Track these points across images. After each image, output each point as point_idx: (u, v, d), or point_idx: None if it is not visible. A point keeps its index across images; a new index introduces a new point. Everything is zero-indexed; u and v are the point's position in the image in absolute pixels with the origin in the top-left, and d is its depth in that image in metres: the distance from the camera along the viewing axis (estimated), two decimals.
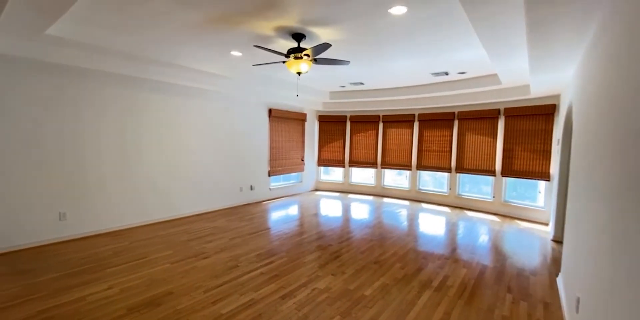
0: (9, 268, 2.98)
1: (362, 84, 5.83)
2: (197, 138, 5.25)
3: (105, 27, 3.15)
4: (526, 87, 4.97)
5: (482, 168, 6.02)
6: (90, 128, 3.98)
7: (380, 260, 3.34)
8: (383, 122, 7.33)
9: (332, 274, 2.96)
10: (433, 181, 7.02)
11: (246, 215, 5.23)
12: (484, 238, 4.24)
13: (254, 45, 2.93)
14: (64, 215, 3.81)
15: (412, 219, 5.21)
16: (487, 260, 3.45)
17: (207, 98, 5.36)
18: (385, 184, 7.48)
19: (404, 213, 5.65)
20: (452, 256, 3.53)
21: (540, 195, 5.45)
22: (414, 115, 6.91)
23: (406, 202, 6.65)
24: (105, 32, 3.26)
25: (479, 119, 6.05)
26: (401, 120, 7.09)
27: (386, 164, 7.34)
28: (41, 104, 3.58)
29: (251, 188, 6.28)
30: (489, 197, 6.00)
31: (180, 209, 5.06)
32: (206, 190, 5.44)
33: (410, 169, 7.02)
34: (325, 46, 2.85)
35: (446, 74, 4.87)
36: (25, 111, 3.47)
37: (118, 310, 2.27)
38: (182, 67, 4.22)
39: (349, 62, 3.42)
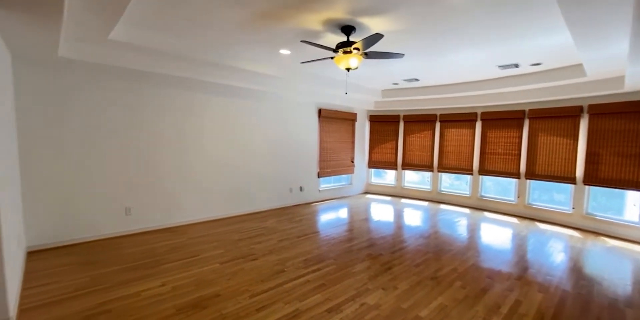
0: (80, 258, 3.28)
1: (417, 80, 5.43)
2: (249, 138, 5.35)
3: (159, 31, 3.30)
4: (618, 80, 4.16)
5: (559, 174, 5.21)
6: (152, 128, 4.26)
7: (438, 276, 2.99)
8: (440, 121, 6.79)
9: (383, 288, 2.71)
10: (496, 188, 6.31)
11: (295, 217, 5.19)
12: (561, 256, 3.62)
13: (301, 41, 2.82)
14: (129, 210, 4.11)
15: (474, 230, 4.69)
16: (567, 284, 2.91)
17: (259, 98, 5.44)
18: (442, 189, 6.93)
19: (463, 222, 5.12)
20: (523, 277, 3.05)
21: (634, 209, 4.54)
22: (476, 114, 6.27)
23: (466, 210, 6.06)
24: (160, 36, 3.41)
25: (556, 118, 5.26)
26: (461, 120, 6.49)
27: (443, 168, 6.79)
28: (108, 107, 3.90)
29: (301, 189, 6.26)
30: (566, 208, 5.18)
31: (233, 208, 5.20)
32: (258, 190, 5.53)
33: (471, 174, 6.39)
34: (377, 37, 2.62)
35: (516, 66, 4.29)
36: (94, 113, 3.81)
37: (167, 310, 2.31)
38: (234, 67, 4.31)
39: (403, 54, 3.13)
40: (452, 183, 6.97)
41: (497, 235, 4.42)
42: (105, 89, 3.84)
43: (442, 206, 6.37)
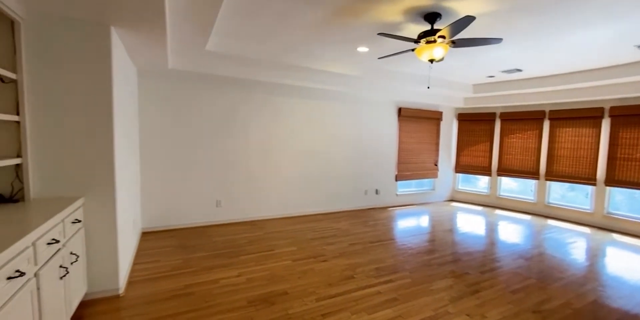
0: (178, 241, 3.74)
1: (519, 70, 4.61)
2: (326, 139, 5.38)
3: (244, 39, 3.52)
4: None
5: None
6: (240, 131, 4.63)
7: (543, 311, 2.41)
8: (550, 119, 5.66)
9: (467, 315, 2.31)
10: (631, 203, 4.93)
11: (369, 221, 4.98)
12: None
13: (378, 33, 2.62)
14: (219, 203, 4.55)
15: (596, 255, 3.72)
16: None
17: (335, 99, 5.42)
18: (550, 200, 5.76)
19: (580, 244, 4.12)
20: None
21: None
22: (602, 109, 5.02)
23: (585, 229, 4.89)
24: (246, 44, 3.64)
25: None
26: (580, 117, 5.28)
27: (553, 175, 5.64)
28: (206, 112, 4.38)
29: (376, 192, 6.01)
30: None
31: (308, 206, 5.30)
32: (333, 190, 5.52)
33: (593, 184, 5.14)
34: (467, 21, 2.24)
35: None
36: (195, 117, 4.32)
37: (239, 301, 2.41)
38: (312, 69, 4.36)
39: (500, 39, 2.64)
40: (565, 194, 5.73)
41: (632, 266, 3.40)
42: (203, 95, 4.34)
43: (550, 222, 5.28)
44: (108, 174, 2.34)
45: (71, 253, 1.99)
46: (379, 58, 3.31)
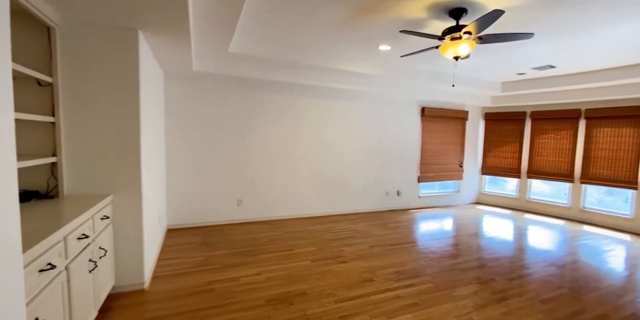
0: (201, 239, 3.83)
1: (552, 67, 4.35)
2: (345, 139, 5.34)
3: (265, 41, 3.55)
4: None
5: None
6: (261, 130, 4.68)
7: None
8: (587, 118, 5.32)
9: None
10: None
11: (390, 223, 4.89)
12: None
13: (400, 31, 2.55)
14: (240, 202, 4.63)
15: (635, 264, 3.44)
16: None
17: (356, 99, 5.37)
18: (586, 205, 5.41)
19: (619, 252, 3.84)
20: None
21: None
22: None
23: (623, 236, 4.55)
24: (266, 45, 3.67)
25: None
26: (619, 116, 4.92)
27: (589, 178, 5.29)
28: (228, 112, 4.47)
29: (398, 193, 5.89)
30: None
31: (328, 207, 5.28)
32: (352, 191, 5.47)
33: (634, 188, 4.77)
34: (495, 15, 2.13)
35: None
36: (218, 118, 4.41)
37: (258, 300, 2.43)
38: (332, 69, 4.32)
39: (532, 34, 2.49)
40: (602, 198, 5.36)
41: None
42: (226, 96, 4.43)
43: (586, 227, 4.96)
44: (135, 172, 2.43)
45: (100, 248, 2.08)
46: (401, 56, 3.24)
